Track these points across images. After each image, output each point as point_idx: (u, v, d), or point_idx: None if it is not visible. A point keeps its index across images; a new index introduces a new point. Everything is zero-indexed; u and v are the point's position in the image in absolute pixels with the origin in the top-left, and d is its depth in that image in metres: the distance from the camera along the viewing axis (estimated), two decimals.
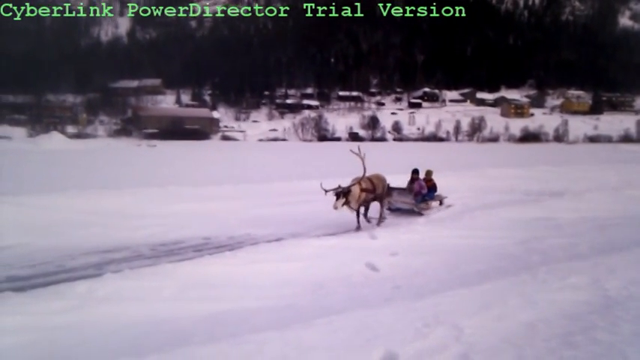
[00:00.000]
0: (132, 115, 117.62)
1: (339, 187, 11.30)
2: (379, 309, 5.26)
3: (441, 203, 14.68)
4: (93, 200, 14.26)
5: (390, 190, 13.58)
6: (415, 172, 14.54)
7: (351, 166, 14.99)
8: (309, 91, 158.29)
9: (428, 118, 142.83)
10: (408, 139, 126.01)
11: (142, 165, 35.27)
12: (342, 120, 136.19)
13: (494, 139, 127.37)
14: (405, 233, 10.35)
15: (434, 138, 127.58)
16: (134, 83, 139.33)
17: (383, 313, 5.09)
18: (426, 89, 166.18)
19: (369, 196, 11.93)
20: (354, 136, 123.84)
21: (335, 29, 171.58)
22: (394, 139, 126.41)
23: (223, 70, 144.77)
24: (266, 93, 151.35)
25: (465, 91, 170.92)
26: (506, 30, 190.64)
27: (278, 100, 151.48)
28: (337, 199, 11.00)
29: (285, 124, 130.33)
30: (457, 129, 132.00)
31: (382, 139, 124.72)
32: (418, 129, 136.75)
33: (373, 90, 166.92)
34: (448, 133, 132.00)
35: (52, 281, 7.22)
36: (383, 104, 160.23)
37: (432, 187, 14.49)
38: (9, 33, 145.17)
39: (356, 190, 11.41)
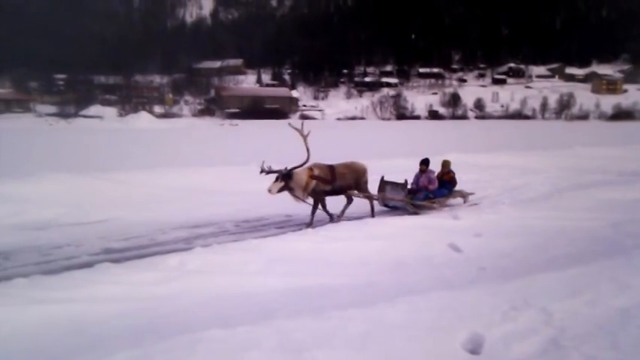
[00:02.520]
0: (215, 95, 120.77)
1: (286, 169, 9.59)
2: (463, 290, 5.18)
3: (465, 201, 12.28)
4: (180, 177, 14.88)
5: (383, 184, 11.46)
6: (424, 162, 11.66)
7: (433, 145, 14.66)
8: (389, 68, 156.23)
9: (513, 94, 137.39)
10: (490, 117, 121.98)
11: (225, 143, 36.30)
12: (421, 98, 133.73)
13: (583, 116, 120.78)
14: (489, 214, 10.03)
15: (519, 116, 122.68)
16: (217, 64, 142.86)
17: (467, 294, 5.01)
18: (511, 65, 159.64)
19: (323, 187, 10.03)
20: (433, 114, 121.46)
21: (416, 4, 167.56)
22: (476, 117, 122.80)
23: (303, 49, 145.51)
24: (345, 71, 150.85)
25: (553, 66, 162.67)
26: (598, 1, 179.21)
27: (356, 79, 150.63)
28: (275, 181, 9.42)
29: (364, 102, 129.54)
30: (544, 106, 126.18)
31: (463, 117, 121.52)
32: (502, 106, 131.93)
33: (455, 66, 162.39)
34: (534, 110, 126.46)
35: (145, 254, 7.64)
36: (465, 81, 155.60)
37: (449, 181, 12.01)
38: (100, 16, 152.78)
39: (301, 175, 9.67)
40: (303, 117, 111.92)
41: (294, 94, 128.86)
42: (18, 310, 4.76)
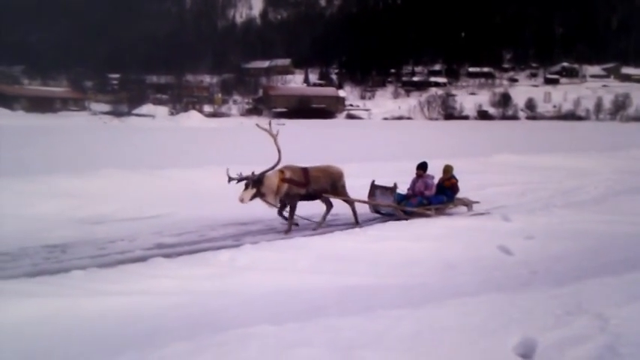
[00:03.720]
0: (262, 95, 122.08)
1: (253, 174, 9.06)
2: (515, 294, 5.07)
3: (468, 209, 11.40)
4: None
5: (373, 188, 10.80)
6: (421, 166, 11.03)
7: (482, 145, 14.38)
8: (437, 67, 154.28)
9: (566, 95, 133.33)
10: (542, 118, 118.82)
11: (273, 143, 36.54)
12: (470, 97, 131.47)
13: (639, 118, 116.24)
14: (541, 216, 9.77)
15: (572, 116, 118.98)
16: (265, 63, 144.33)
17: (519, 298, 4.90)
18: (565, 64, 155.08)
19: (296, 190, 9.45)
20: (483, 115, 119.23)
21: (466, 2, 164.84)
22: (527, 118, 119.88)
23: (351, 48, 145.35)
24: (392, 71, 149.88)
25: (609, 65, 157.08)
26: None
27: (404, 78, 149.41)
28: (245, 188, 8.89)
29: (411, 102, 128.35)
30: (598, 107, 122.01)
31: (514, 117, 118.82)
32: (554, 107, 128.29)
33: (506, 65, 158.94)
34: (588, 111, 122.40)
35: (196, 249, 7.82)
36: (516, 80, 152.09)
37: (450, 187, 11.20)
38: (154, 17, 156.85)
39: (272, 180, 9.15)
40: (350, 117, 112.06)
41: (341, 93, 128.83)
42: (76, 301, 4.94)
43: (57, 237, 8.55)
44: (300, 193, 9.53)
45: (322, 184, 9.86)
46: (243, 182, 9.01)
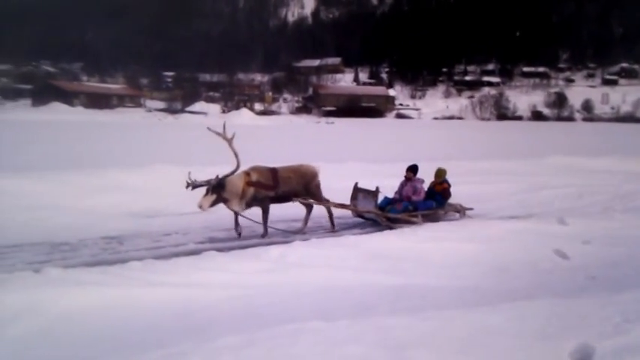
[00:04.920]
0: (312, 94, 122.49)
1: (217, 177, 8.32)
2: (571, 299, 4.93)
3: (461, 216, 10.65)
4: None
5: (356, 191, 10.02)
6: (411, 169, 10.27)
7: (535, 146, 14.02)
8: (490, 67, 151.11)
9: (624, 96, 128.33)
10: (599, 120, 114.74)
11: (322, 141, 36.72)
12: (524, 98, 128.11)
13: None
14: (599, 220, 9.46)
15: (631, 119, 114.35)
16: (316, 62, 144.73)
17: (576, 303, 4.76)
18: (624, 65, 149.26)
19: (265, 193, 8.75)
20: (537, 115, 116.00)
21: (522, 1, 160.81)
22: (583, 119, 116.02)
23: (402, 47, 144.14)
24: (444, 70, 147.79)
25: None
26: None
27: (456, 77, 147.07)
28: (205, 194, 8.19)
29: (463, 101, 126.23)
30: None
31: (569, 118, 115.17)
32: (612, 108, 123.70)
33: (562, 65, 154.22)
34: None
35: (246, 245, 7.94)
36: (572, 81, 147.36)
37: (441, 192, 10.48)
38: (207, 16, 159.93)
39: (236, 184, 8.42)
40: (399, 116, 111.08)
41: (391, 92, 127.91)
42: (134, 291, 5.11)
43: (114, 229, 8.83)
44: (269, 195, 8.81)
45: (293, 185, 9.11)
46: (205, 187, 8.31)
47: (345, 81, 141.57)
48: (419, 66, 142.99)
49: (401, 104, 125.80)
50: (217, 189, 8.20)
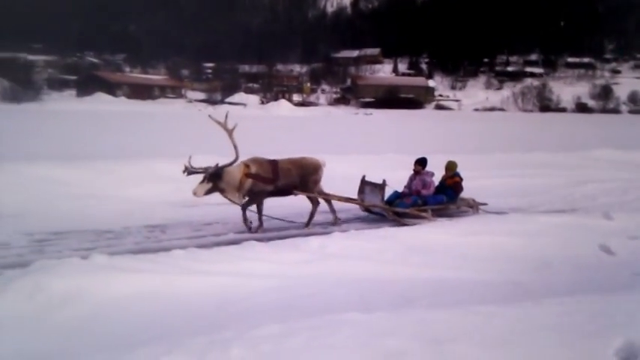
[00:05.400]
0: (351, 85, 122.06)
1: (217, 165, 8.14)
2: (617, 296, 4.83)
3: (474, 212, 10.13)
4: None
5: (363, 185, 9.67)
6: (420, 162, 9.89)
7: (579, 139, 13.66)
8: (533, 57, 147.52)
9: None
10: None
11: (360, 132, 36.61)
12: (568, 89, 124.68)
13: None
14: None
15: None
16: (354, 53, 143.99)
17: (622, 300, 4.65)
18: None
19: (262, 187, 8.46)
20: (581, 107, 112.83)
21: None
22: (630, 112, 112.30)
23: (442, 37, 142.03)
24: (485, 60, 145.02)
25: None
26: None
27: (498, 68, 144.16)
28: (201, 181, 8.02)
29: (504, 93, 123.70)
30: None
31: (615, 110, 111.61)
32: None
33: (608, 56, 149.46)
34: None
35: (285, 235, 8.02)
36: (619, 72, 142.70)
37: (453, 186, 10.00)
38: (247, 7, 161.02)
39: (234, 174, 8.20)
40: (439, 107, 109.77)
41: (431, 83, 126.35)
42: (177, 279, 5.23)
43: (156, 218, 9.03)
44: (267, 189, 8.53)
45: (293, 177, 8.78)
46: (202, 175, 8.15)
47: (383, 72, 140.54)
48: (460, 56, 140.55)
49: (440, 95, 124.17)
50: (214, 178, 8.02)
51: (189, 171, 8.13)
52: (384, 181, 9.17)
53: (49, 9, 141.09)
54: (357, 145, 23.34)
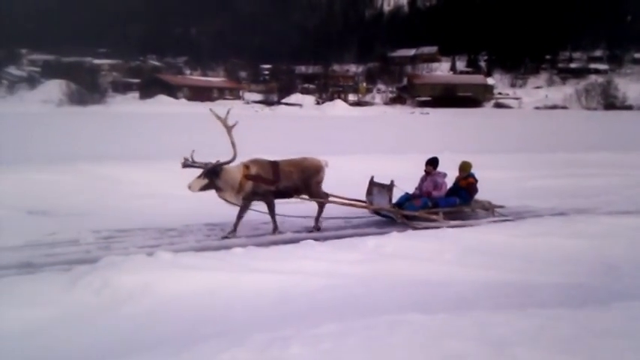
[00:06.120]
0: (407, 84, 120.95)
1: (218, 162, 7.98)
2: None
3: (491, 214, 9.61)
4: (373, 164, 15.20)
5: (371, 186, 9.33)
6: (431, 162, 9.47)
7: None
8: (598, 53, 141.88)
9: None
10: None
11: (417, 132, 36.26)
12: (635, 86, 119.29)
13: None
14: None
15: None
16: (411, 51, 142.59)
17: None
18: None
19: (263, 188, 8.19)
20: None
21: None
22: None
23: (502, 33, 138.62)
24: (547, 57, 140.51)
25: None
26: None
27: (560, 65, 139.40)
28: (199, 176, 7.87)
29: (567, 90, 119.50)
30: None
31: None
32: None
33: None
34: None
35: (342, 235, 8.05)
36: None
37: (467, 188, 9.54)
38: (304, 8, 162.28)
39: (233, 174, 7.99)
40: (498, 105, 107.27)
41: (490, 81, 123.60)
42: (237, 277, 5.35)
43: (216, 216, 9.20)
44: (270, 189, 8.29)
45: (294, 179, 8.52)
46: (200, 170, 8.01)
47: (441, 70, 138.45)
48: (520, 53, 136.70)
49: (500, 93, 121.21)
50: (211, 175, 7.86)
51: (186, 164, 8.06)
52: (391, 181, 8.80)
53: (114, 14, 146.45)
54: (412, 144, 23.11)
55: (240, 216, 8.37)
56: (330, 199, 9.03)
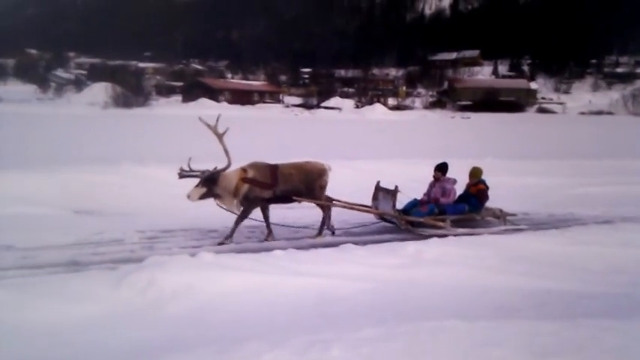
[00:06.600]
0: (447, 88, 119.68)
1: (215, 169, 7.79)
2: None
3: (502, 223, 9.28)
4: (411, 168, 15.09)
5: (377, 191, 9.10)
6: (440, 168, 9.23)
7: None
8: None
9: None
10: None
11: (458, 136, 35.83)
12: None
13: None
14: None
15: None
16: (452, 55, 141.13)
17: None
18: None
19: (258, 193, 7.96)
20: None
21: None
22: None
23: (545, 37, 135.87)
24: (593, 61, 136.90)
25: None
26: None
27: (606, 69, 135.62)
28: (197, 185, 7.70)
29: (613, 95, 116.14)
30: None
31: None
32: None
33: None
34: None
35: (380, 240, 8.00)
36: None
37: (477, 195, 9.24)
38: (345, 12, 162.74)
39: (230, 180, 7.83)
40: (541, 110, 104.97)
41: (533, 85, 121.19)
42: (278, 279, 5.39)
43: (256, 218, 9.27)
44: (264, 196, 8.04)
45: (295, 183, 8.22)
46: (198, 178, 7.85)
47: (482, 74, 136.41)
48: (565, 57, 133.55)
49: (543, 98, 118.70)
50: (209, 182, 7.72)
51: (183, 174, 7.92)
52: (396, 187, 8.55)
53: (158, 19, 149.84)
54: (452, 149, 22.85)
55: (266, 217, 8.31)
56: (334, 202, 8.86)
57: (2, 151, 16.46)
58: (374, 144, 26.90)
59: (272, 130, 35.88)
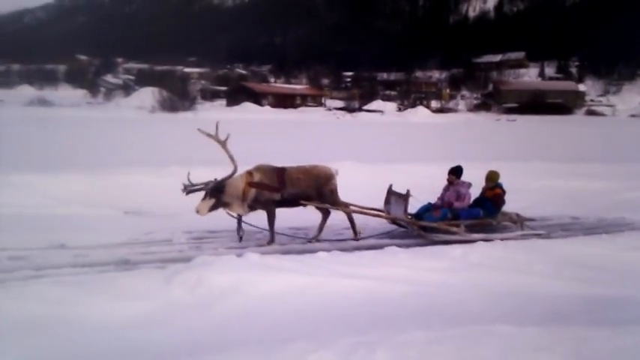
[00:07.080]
0: (492, 90, 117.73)
1: (216, 180, 7.69)
2: None
3: (520, 228, 8.88)
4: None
5: (389, 195, 8.92)
6: (454, 171, 8.89)
7: None
8: None
9: None
10: None
11: (503, 139, 35.18)
12: None
13: None
14: None
15: None
16: (497, 57, 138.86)
17: None
18: None
19: (269, 196, 7.92)
20: None
21: None
22: None
23: (594, 38, 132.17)
24: None
25: None
26: None
27: None
28: (203, 198, 7.59)
29: None
30: None
31: None
32: None
33: None
34: None
35: (424, 243, 7.94)
36: None
37: (493, 199, 8.90)
38: (388, 16, 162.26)
39: (236, 185, 7.72)
40: (590, 113, 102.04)
41: (581, 87, 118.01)
42: (323, 280, 5.43)
43: (299, 220, 9.31)
44: (274, 198, 7.98)
45: (303, 187, 8.16)
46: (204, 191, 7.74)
47: (528, 76, 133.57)
48: (614, 58, 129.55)
49: (592, 100, 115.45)
50: (215, 193, 7.62)
51: (188, 190, 7.77)
52: (407, 191, 8.34)
53: (203, 25, 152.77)
54: (498, 151, 22.44)
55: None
56: (346, 207, 8.72)
57: (56, 153, 17.06)
58: (416, 146, 26.68)
59: (314, 133, 36.01)
